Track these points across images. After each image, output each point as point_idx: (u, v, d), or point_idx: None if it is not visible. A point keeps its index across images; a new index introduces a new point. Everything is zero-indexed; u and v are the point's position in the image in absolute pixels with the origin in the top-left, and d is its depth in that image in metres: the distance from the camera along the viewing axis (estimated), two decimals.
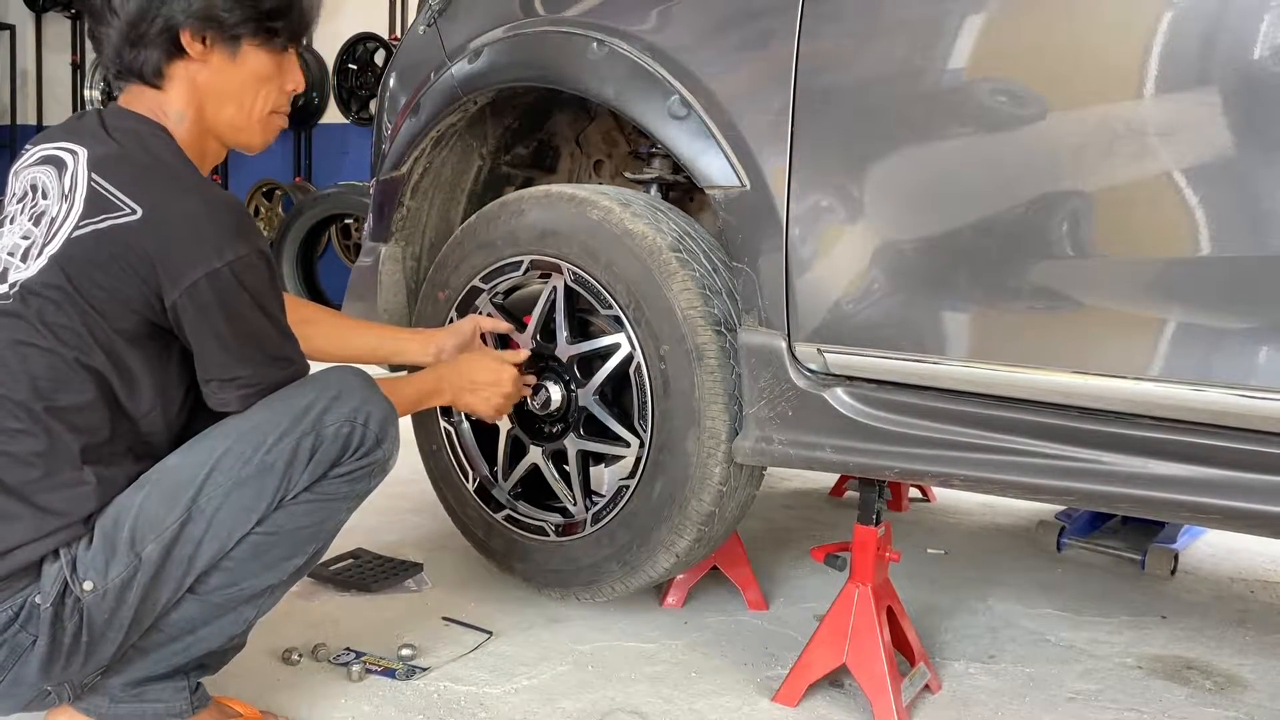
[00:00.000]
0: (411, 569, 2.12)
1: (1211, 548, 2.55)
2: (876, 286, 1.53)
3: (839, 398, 1.57)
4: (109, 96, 6.76)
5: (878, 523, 1.64)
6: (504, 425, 1.96)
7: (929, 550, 2.48)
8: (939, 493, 2.94)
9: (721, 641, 1.89)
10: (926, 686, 1.70)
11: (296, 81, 1.46)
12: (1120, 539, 2.27)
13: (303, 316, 1.37)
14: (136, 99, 1.38)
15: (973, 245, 1.46)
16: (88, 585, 1.23)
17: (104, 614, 1.25)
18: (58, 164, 1.31)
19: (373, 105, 5.11)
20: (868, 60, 1.54)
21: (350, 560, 2.15)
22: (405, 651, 1.74)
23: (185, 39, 1.35)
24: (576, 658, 1.79)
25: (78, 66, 7.24)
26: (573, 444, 1.87)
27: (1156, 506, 1.36)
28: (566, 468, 1.90)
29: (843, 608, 1.61)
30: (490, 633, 1.86)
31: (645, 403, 1.74)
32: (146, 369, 1.29)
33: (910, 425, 1.52)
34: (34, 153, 1.36)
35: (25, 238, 1.28)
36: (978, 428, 1.47)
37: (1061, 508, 2.43)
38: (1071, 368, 1.38)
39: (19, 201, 1.34)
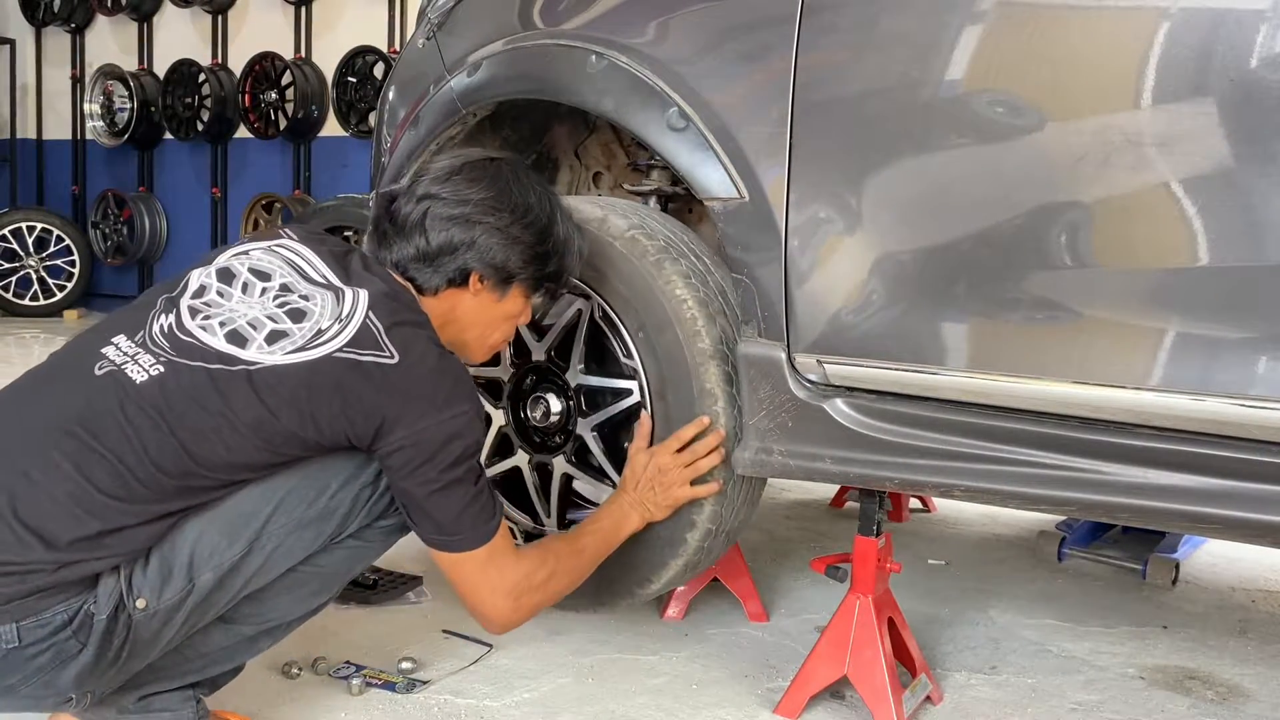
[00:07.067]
0: (411, 582, 2.12)
1: (1212, 557, 2.55)
2: (875, 297, 1.53)
3: (839, 408, 1.57)
4: (108, 109, 6.76)
5: (878, 534, 1.64)
6: (498, 419, 1.91)
7: (930, 561, 2.47)
8: (939, 503, 2.93)
9: (722, 653, 1.88)
10: (928, 698, 1.70)
11: (528, 317, 1.63)
12: (1121, 549, 2.26)
13: None
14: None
15: (972, 256, 1.46)
16: (140, 603, 1.26)
17: (149, 632, 1.28)
18: (336, 292, 1.37)
19: (372, 118, 5.12)
20: (866, 72, 1.54)
21: None
22: (405, 665, 1.74)
23: (473, 279, 1.49)
24: (577, 670, 1.79)
25: (78, 80, 7.24)
26: (560, 466, 1.85)
27: (1157, 516, 1.36)
28: (551, 486, 1.87)
29: (843, 619, 1.61)
30: (490, 645, 1.86)
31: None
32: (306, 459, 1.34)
33: (910, 436, 1.52)
34: (291, 248, 1.42)
35: (272, 319, 1.32)
36: (978, 438, 1.47)
37: (1062, 518, 2.43)
38: (1071, 378, 1.38)
39: (252, 271, 1.38)
